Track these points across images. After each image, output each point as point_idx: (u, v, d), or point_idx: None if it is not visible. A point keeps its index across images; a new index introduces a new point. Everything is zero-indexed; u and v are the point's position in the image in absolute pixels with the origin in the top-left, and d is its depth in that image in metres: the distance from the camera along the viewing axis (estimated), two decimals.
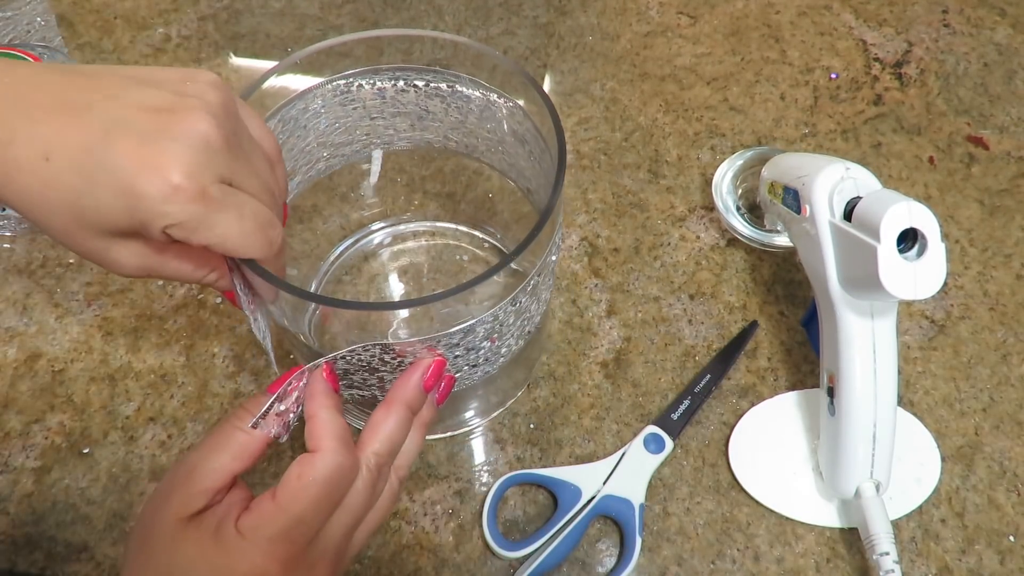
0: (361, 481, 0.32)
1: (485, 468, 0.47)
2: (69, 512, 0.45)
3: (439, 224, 0.53)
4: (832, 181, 0.43)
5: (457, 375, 0.37)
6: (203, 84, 0.29)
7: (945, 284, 0.48)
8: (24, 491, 0.45)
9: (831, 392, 0.44)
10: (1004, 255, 0.56)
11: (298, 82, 0.40)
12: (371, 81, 0.41)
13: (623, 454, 0.46)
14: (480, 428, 0.48)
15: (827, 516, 0.45)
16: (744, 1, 0.70)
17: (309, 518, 0.30)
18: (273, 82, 0.38)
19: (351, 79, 0.40)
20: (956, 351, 0.52)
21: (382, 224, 0.53)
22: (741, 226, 0.55)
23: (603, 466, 0.46)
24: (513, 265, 0.33)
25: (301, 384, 0.33)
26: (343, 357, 0.33)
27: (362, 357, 0.33)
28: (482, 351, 0.36)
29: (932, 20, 0.69)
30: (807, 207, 0.44)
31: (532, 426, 0.48)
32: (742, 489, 0.46)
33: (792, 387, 0.50)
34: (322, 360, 0.33)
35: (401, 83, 0.41)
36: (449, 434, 0.47)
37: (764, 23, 0.68)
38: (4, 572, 0.43)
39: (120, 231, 0.28)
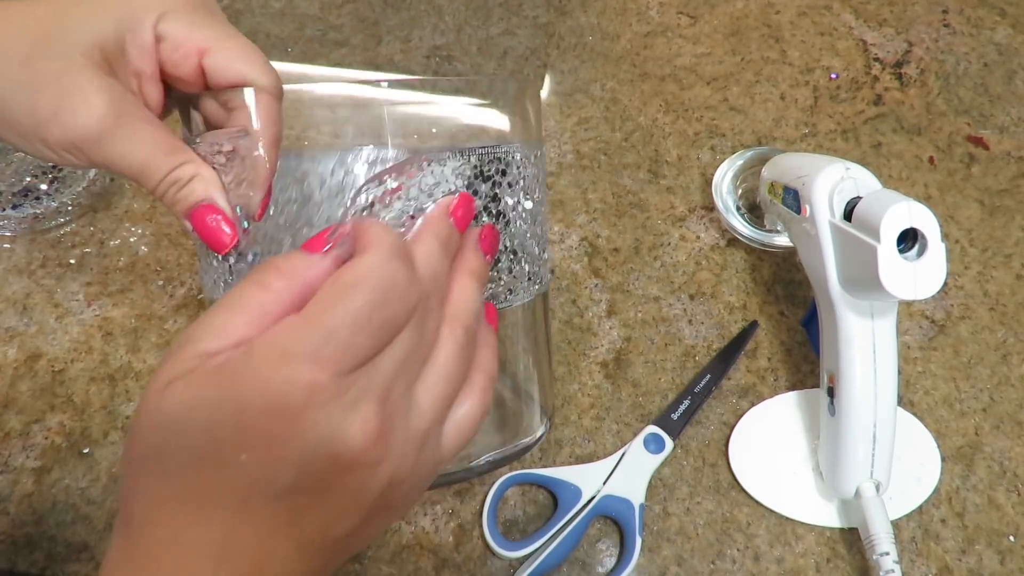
0: (447, 327, 0.27)
1: None
2: (69, 512, 0.45)
3: None
4: (832, 181, 0.43)
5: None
6: None
7: (945, 284, 0.48)
8: (24, 491, 0.45)
9: (831, 392, 0.44)
10: (1004, 255, 0.56)
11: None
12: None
13: (623, 454, 0.46)
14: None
15: (827, 516, 0.45)
16: (744, 1, 0.70)
17: (345, 336, 0.23)
18: None
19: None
20: (956, 351, 0.52)
21: None
22: (741, 226, 0.55)
23: (603, 466, 0.46)
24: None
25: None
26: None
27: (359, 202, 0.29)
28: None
29: (932, 20, 0.69)
30: (807, 207, 0.44)
31: None
32: (742, 489, 0.46)
33: (792, 387, 0.50)
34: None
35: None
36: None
37: (764, 23, 0.68)
38: (4, 572, 0.43)
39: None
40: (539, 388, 0.42)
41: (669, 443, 0.47)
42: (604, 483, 0.45)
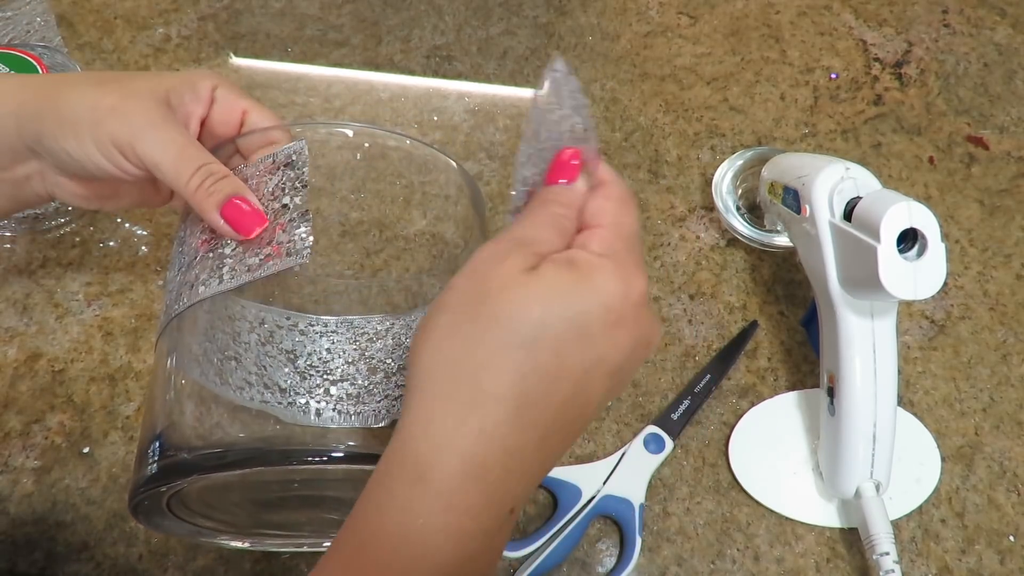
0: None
1: None
2: (69, 512, 0.45)
3: None
4: (832, 181, 0.43)
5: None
6: None
7: (945, 284, 0.48)
8: (24, 491, 0.45)
9: (831, 392, 0.44)
10: (1004, 255, 0.56)
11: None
12: None
13: (623, 454, 0.46)
14: None
15: (827, 516, 0.45)
16: (744, 1, 0.70)
17: (637, 237, 0.31)
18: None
19: None
20: (956, 351, 0.52)
21: None
22: (741, 226, 0.55)
23: (603, 466, 0.46)
24: None
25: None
26: None
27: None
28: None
29: (932, 20, 0.69)
30: (807, 207, 0.44)
31: None
32: (742, 489, 0.46)
33: (792, 387, 0.50)
34: None
35: None
36: None
37: (764, 23, 0.68)
38: (4, 572, 0.43)
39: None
40: None
41: (669, 443, 0.46)
42: (604, 483, 0.45)
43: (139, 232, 0.55)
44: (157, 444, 0.33)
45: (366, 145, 0.40)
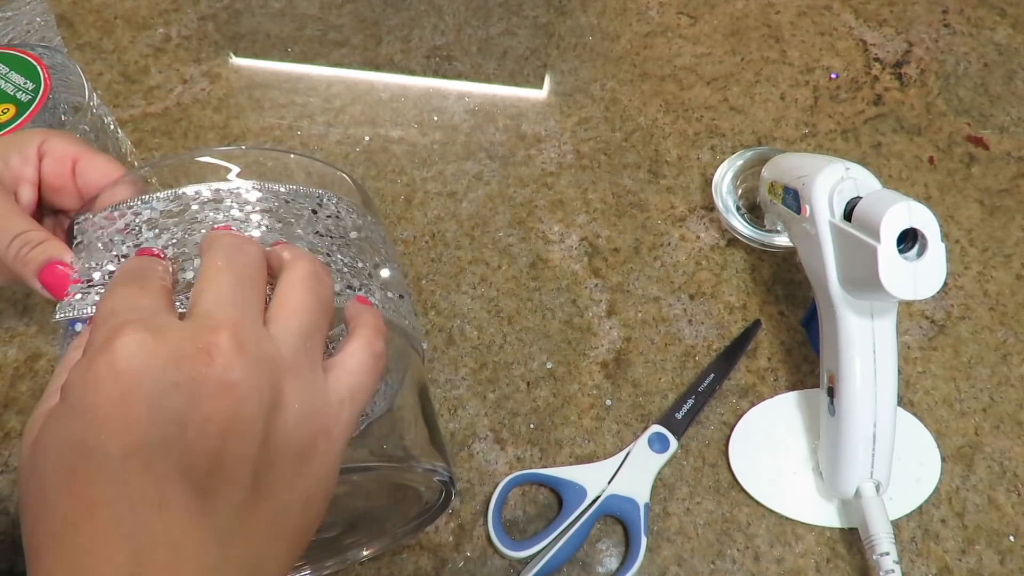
0: (282, 278, 0.29)
1: (484, 468, 0.47)
2: None
3: None
4: (832, 181, 0.43)
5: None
6: None
7: (945, 284, 0.48)
8: None
9: (831, 392, 0.44)
10: (1004, 255, 0.56)
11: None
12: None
13: (627, 453, 0.46)
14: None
15: (827, 516, 0.45)
16: (744, 1, 0.70)
17: (109, 304, 0.27)
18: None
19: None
20: (956, 351, 0.52)
21: None
22: (741, 226, 0.55)
23: (607, 466, 0.46)
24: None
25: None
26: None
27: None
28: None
29: (932, 20, 0.69)
30: (807, 207, 0.44)
31: (532, 426, 0.48)
32: (742, 489, 0.46)
33: (792, 387, 0.50)
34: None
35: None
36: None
37: (764, 23, 0.68)
38: (4, 572, 0.43)
39: None
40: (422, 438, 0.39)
41: (673, 442, 0.47)
42: (609, 482, 0.45)
43: None
44: None
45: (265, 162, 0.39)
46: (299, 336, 0.28)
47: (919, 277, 0.38)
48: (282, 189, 0.35)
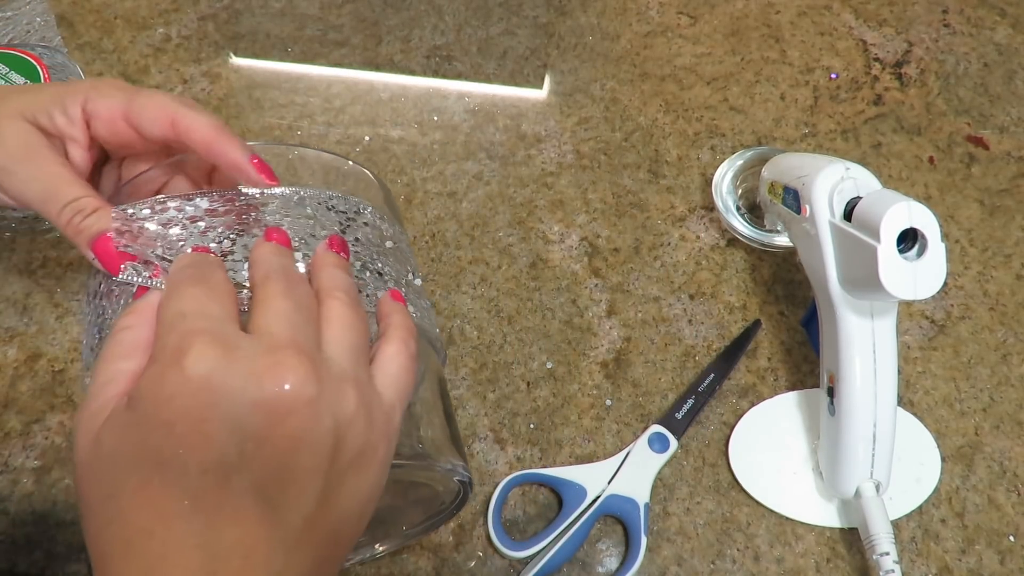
0: (324, 296, 0.29)
1: (485, 468, 0.47)
2: (69, 512, 0.45)
3: None
4: (832, 181, 0.43)
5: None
6: None
7: (945, 284, 0.48)
8: (24, 491, 0.45)
9: (831, 392, 0.44)
10: (1004, 255, 0.56)
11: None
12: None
13: (627, 453, 0.46)
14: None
15: (827, 516, 0.45)
16: (744, 1, 0.70)
17: (177, 305, 0.27)
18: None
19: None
20: (956, 351, 0.52)
21: None
22: (741, 226, 0.55)
23: (607, 465, 0.46)
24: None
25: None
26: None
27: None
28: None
29: (932, 20, 0.69)
30: (807, 207, 0.44)
31: (532, 426, 0.48)
32: (742, 489, 0.46)
33: (792, 387, 0.50)
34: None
35: None
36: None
37: (764, 23, 0.68)
38: (4, 572, 0.43)
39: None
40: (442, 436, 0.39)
41: (673, 442, 0.47)
42: (609, 482, 0.45)
43: None
44: None
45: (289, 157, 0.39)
46: (352, 350, 0.28)
47: (919, 277, 0.38)
48: (329, 194, 0.35)
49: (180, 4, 0.68)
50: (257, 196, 0.33)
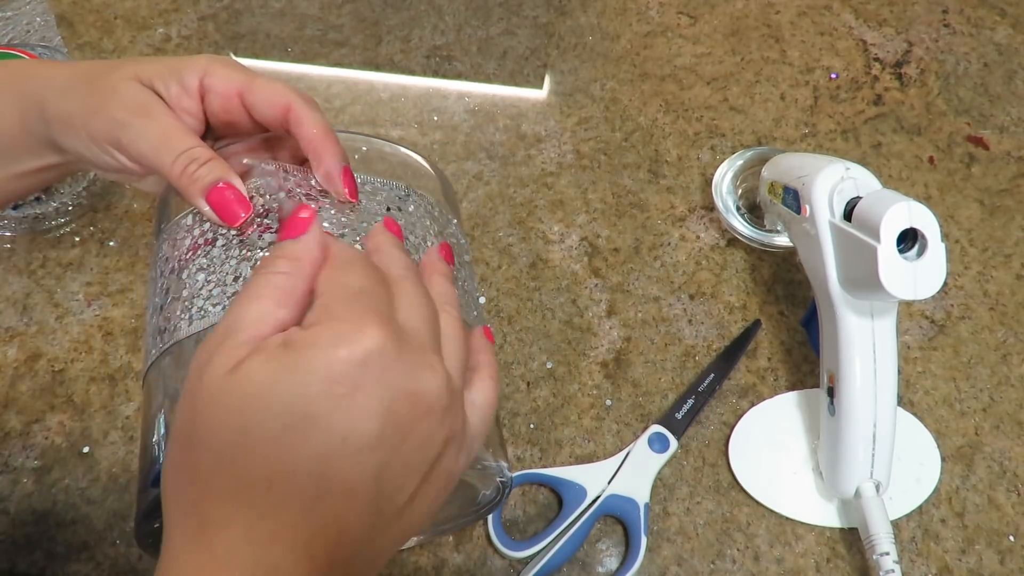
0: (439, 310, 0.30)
1: None
2: (69, 512, 0.45)
3: None
4: (832, 181, 0.43)
5: None
6: None
7: (945, 284, 0.48)
8: (24, 491, 0.45)
9: (831, 392, 0.44)
10: (1004, 255, 0.56)
11: None
12: None
13: (627, 453, 0.46)
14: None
15: (827, 516, 0.45)
16: (744, 1, 0.70)
17: (356, 280, 0.27)
18: None
19: None
20: (956, 351, 0.52)
21: None
22: (741, 226, 0.55)
23: (607, 465, 0.46)
24: None
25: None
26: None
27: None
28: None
29: (932, 20, 0.69)
30: (807, 207, 0.44)
31: (532, 426, 0.48)
32: (742, 489, 0.46)
33: (792, 387, 0.50)
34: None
35: None
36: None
37: (764, 23, 0.68)
38: (4, 572, 0.43)
39: None
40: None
41: (673, 442, 0.46)
42: (609, 482, 0.45)
43: (139, 232, 0.55)
44: (160, 470, 0.32)
45: (363, 149, 0.40)
46: (461, 369, 0.29)
47: (919, 277, 0.38)
48: (431, 200, 0.36)
49: (180, 4, 0.68)
50: (368, 187, 0.35)
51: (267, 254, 0.31)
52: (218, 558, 0.24)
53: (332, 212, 0.34)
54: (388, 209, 0.35)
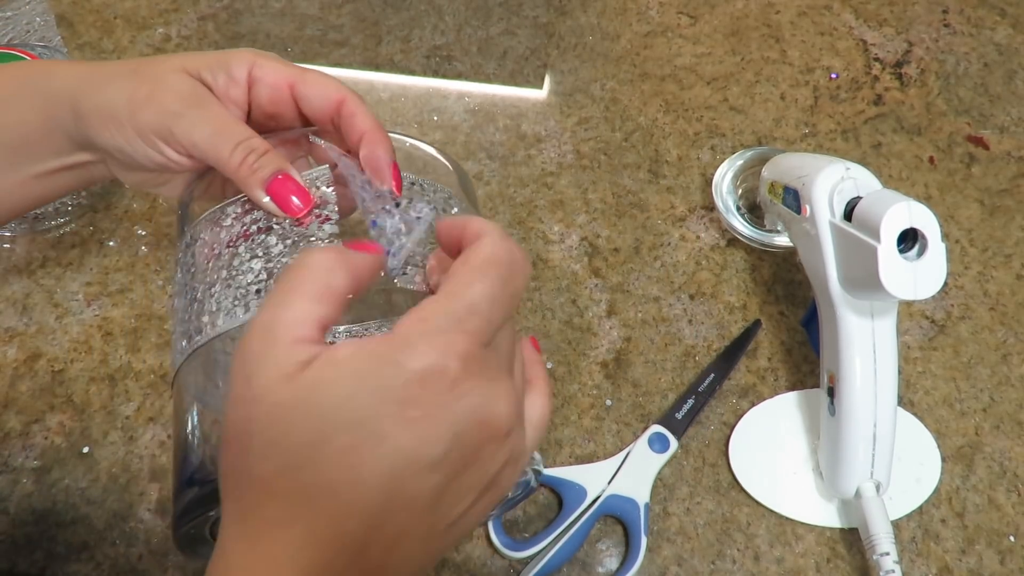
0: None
1: None
2: (69, 512, 0.45)
3: None
4: (832, 181, 0.43)
5: None
6: None
7: (945, 284, 0.48)
8: (24, 491, 0.45)
9: (831, 392, 0.44)
10: (1004, 255, 0.56)
11: None
12: None
13: (627, 453, 0.46)
14: None
15: (827, 516, 0.45)
16: (744, 1, 0.70)
17: (484, 308, 0.25)
18: None
19: None
20: (956, 351, 0.52)
21: None
22: (741, 226, 0.55)
23: (607, 465, 0.46)
24: None
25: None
26: None
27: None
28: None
29: (932, 20, 0.69)
30: (807, 207, 0.44)
31: None
32: (742, 489, 0.46)
33: (792, 387, 0.50)
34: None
35: None
36: None
37: (764, 23, 0.68)
38: (4, 572, 0.43)
39: None
40: None
41: (674, 442, 0.46)
42: (609, 482, 0.45)
43: (139, 232, 0.55)
44: (195, 469, 0.32)
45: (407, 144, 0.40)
46: (523, 387, 0.29)
47: (919, 277, 0.38)
48: (465, 206, 0.36)
49: (180, 4, 0.68)
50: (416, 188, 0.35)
51: (326, 244, 0.31)
52: (275, 557, 0.24)
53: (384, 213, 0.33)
54: (434, 209, 0.35)
